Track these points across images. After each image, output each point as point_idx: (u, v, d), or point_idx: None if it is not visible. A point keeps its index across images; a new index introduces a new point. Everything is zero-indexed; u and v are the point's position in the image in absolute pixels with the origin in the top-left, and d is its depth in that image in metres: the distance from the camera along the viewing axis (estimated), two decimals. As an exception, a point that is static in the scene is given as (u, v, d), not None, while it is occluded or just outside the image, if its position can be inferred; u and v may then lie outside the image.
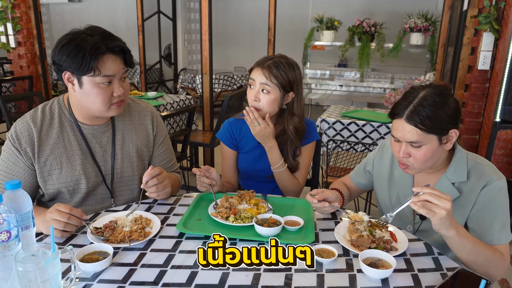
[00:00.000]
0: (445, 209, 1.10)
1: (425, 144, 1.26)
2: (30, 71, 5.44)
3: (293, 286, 1.05)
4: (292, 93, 1.70)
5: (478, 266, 1.22)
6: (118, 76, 1.44)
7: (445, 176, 1.36)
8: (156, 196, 1.49)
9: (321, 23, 6.26)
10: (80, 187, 1.52)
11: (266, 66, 1.65)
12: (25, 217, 1.04)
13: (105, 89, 1.42)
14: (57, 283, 0.97)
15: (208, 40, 4.03)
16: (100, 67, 1.37)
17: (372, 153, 1.64)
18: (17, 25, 5.22)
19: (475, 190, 1.32)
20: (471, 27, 3.56)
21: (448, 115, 1.24)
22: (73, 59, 1.36)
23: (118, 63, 1.43)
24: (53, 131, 1.49)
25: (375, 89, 6.05)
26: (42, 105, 1.54)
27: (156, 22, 8.08)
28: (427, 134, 1.24)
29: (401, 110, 1.27)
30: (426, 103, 1.24)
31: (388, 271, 1.08)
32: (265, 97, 1.66)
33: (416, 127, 1.24)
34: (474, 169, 1.34)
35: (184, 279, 1.08)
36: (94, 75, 1.38)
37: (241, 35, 8.70)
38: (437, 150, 1.28)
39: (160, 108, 3.83)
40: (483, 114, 3.47)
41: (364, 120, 3.26)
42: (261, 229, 1.28)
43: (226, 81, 7.10)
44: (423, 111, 1.23)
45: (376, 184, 1.61)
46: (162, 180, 1.48)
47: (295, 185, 1.79)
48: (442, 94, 1.26)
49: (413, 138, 1.26)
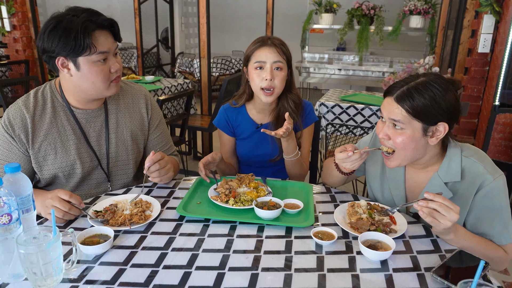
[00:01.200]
0: (451, 221, 1.08)
1: (407, 129, 1.22)
2: (26, 55, 5.38)
3: (293, 268, 1.06)
4: (290, 70, 1.72)
5: None
6: (111, 52, 1.43)
7: (437, 175, 1.31)
8: (158, 180, 1.50)
9: (319, 6, 6.17)
10: (75, 171, 1.51)
11: (273, 44, 1.64)
12: (25, 200, 1.04)
13: (102, 67, 1.41)
14: (59, 265, 0.97)
15: (206, 23, 3.98)
16: (95, 44, 1.36)
17: (366, 138, 1.57)
18: (11, 8, 5.13)
19: (470, 191, 1.26)
20: (472, 9, 3.53)
21: (440, 107, 1.20)
22: (65, 42, 1.33)
23: (109, 38, 1.42)
24: (46, 116, 1.48)
25: (374, 72, 6.02)
26: (34, 90, 1.52)
27: (152, 5, 7.96)
28: (412, 118, 1.21)
29: (395, 89, 1.25)
30: (422, 88, 1.20)
31: (387, 253, 1.09)
32: (279, 74, 1.65)
33: (403, 107, 1.21)
34: (469, 169, 1.27)
35: (185, 261, 1.09)
36: (90, 53, 1.36)
37: (238, 18, 8.59)
38: (419, 141, 1.23)
39: (158, 92, 3.80)
40: (482, 97, 3.46)
41: (363, 104, 3.25)
42: (261, 212, 1.29)
43: (224, 65, 7.05)
44: (415, 94, 1.20)
45: (368, 167, 1.54)
46: (164, 164, 1.48)
47: (304, 169, 1.80)
48: (444, 86, 1.21)
49: (396, 117, 1.22)
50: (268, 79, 1.62)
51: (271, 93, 1.65)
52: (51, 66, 1.42)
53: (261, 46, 1.65)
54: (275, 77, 1.63)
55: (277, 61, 1.63)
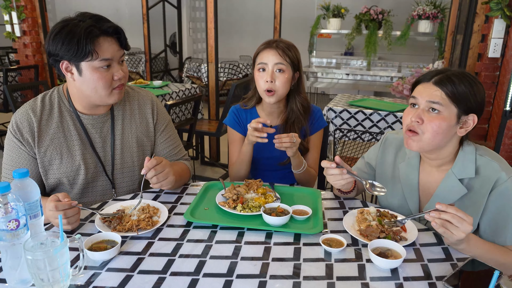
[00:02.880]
0: (464, 233, 1.06)
1: (443, 113, 1.23)
2: (35, 60, 5.44)
3: (301, 276, 1.05)
4: (298, 73, 1.71)
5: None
6: (116, 59, 1.42)
7: (452, 172, 1.31)
8: (159, 186, 1.44)
9: (327, 10, 6.17)
10: (79, 177, 1.51)
11: (277, 46, 1.64)
12: (33, 206, 1.04)
13: (104, 74, 1.40)
14: (66, 271, 0.97)
15: (213, 28, 3.99)
16: (98, 50, 1.35)
17: (374, 149, 1.58)
18: (21, 14, 5.20)
19: (485, 187, 1.26)
20: (482, 14, 3.49)
21: (475, 96, 1.23)
22: (68, 46, 1.33)
23: (114, 45, 1.40)
24: (53, 121, 1.48)
25: (382, 77, 5.98)
26: (42, 95, 1.53)
27: (160, 10, 8.03)
28: (451, 102, 1.22)
29: (430, 76, 1.27)
30: (461, 75, 1.23)
31: (398, 261, 1.07)
32: (281, 76, 1.65)
33: (442, 90, 1.22)
34: (484, 166, 1.28)
35: (193, 268, 1.08)
36: (92, 59, 1.36)
37: (245, 23, 8.63)
38: (451, 128, 1.24)
39: (165, 97, 3.81)
40: (493, 103, 3.42)
41: (371, 109, 3.23)
42: (269, 218, 1.27)
43: (232, 70, 7.06)
44: (455, 80, 1.22)
45: (378, 178, 1.55)
46: (161, 169, 1.41)
47: (313, 176, 1.80)
48: (477, 80, 1.25)
49: (436, 98, 1.23)
50: (268, 81, 1.63)
51: (272, 93, 1.66)
52: (57, 70, 1.43)
53: (265, 49, 1.67)
54: (276, 79, 1.64)
55: (278, 63, 1.63)
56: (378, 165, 1.55)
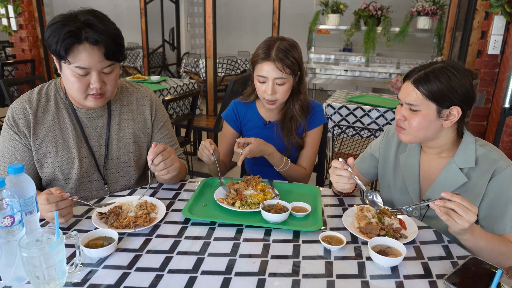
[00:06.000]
0: (468, 222, 1.06)
1: (421, 110, 1.28)
2: (32, 55, 5.40)
3: (301, 273, 1.04)
4: (299, 73, 1.69)
5: (491, 258, 1.19)
6: (96, 69, 1.34)
7: (453, 160, 1.34)
8: (166, 173, 1.40)
9: (326, 6, 6.15)
10: (73, 171, 1.49)
11: (276, 58, 1.58)
12: (28, 202, 1.02)
13: (80, 79, 1.35)
14: (62, 268, 0.95)
15: (212, 23, 3.96)
16: (71, 57, 1.30)
17: (377, 140, 1.62)
18: (18, 7, 5.15)
19: (484, 176, 1.29)
20: (482, 10, 3.48)
21: (454, 91, 1.25)
22: (51, 43, 1.31)
23: (95, 55, 1.31)
24: (49, 114, 1.46)
25: (381, 74, 5.98)
26: (39, 87, 1.51)
27: (158, 5, 7.97)
28: (426, 100, 1.27)
29: (413, 73, 1.32)
30: (438, 72, 1.26)
31: (398, 259, 1.06)
32: (281, 88, 1.64)
33: (418, 89, 1.28)
34: (483, 156, 1.31)
35: (191, 265, 1.06)
36: (66, 63, 1.32)
37: (244, 19, 8.59)
38: (433, 122, 1.29)
39: (163, 92, 3.78)
40: (492, 100, 3.41)
41: (370, 105, 3.21)
42: (268, 215, 1.26)
43: (230, 65, 7.04)
44: (431, 77, 1.26)
45: (381, 169, 1.59)
46: (167, 155, 1.39)
47: (302, 174, 1.77)
48: (461, 72, 1.27)
49: (411, 100, 1.29)
50: (268, 94, 1.63)
51: (273, 103, 1.66)
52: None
53: (264, 60, 1.60)
54: (276, 91, 1.63)
55: (278, 77, 1.61)
56: (382, 155, 1.58)
